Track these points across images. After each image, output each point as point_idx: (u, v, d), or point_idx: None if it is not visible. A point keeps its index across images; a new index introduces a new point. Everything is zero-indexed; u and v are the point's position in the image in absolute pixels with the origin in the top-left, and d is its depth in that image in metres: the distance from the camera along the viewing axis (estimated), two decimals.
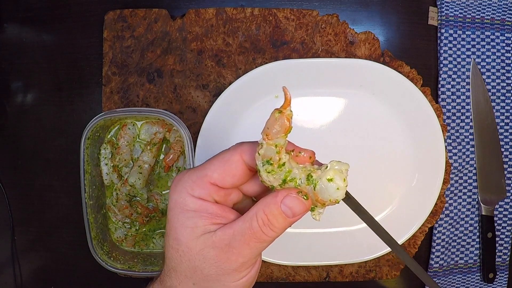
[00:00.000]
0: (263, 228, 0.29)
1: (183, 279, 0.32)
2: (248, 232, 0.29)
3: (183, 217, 0.31)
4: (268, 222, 0.29)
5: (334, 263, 0.61)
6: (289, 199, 0.29)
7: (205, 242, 0.30)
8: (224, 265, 0.30)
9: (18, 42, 0.63)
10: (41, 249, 0.65)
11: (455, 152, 0.62)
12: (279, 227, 0.29)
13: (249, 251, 0.30)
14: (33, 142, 0.64)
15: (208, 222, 0.30)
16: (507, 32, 0.62)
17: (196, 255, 0.30)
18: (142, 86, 0.61)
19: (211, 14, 0.60)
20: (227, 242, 0.29)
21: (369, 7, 0.62)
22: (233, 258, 0.30)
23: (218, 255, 0.30)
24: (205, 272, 0.30)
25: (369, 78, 0.59)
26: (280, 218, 0.29)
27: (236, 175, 0.30)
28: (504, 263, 0.64)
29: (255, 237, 0.29)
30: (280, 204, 0.29)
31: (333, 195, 0.29)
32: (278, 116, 0.28)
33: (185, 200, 0.30)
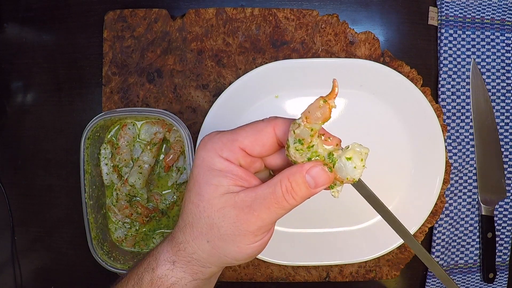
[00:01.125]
0: (286, 195, 0.30)
1: (198, 235, 0.33)
2: (270, 196, 0.30)
3: (209, 174, 0.32)
4: (291, 189, 0.30)
5: (334, 263, 0.61)
6: (315, 170, 0.30)
7: (227, 201, 0.31)
8: (242, 226, 0.31)
9: (18, 42, 0.63)
10: (41, 249, 0.65)
11: (455, 152, 0.62)
12: (300, 195, 0.31)
13: (268, 215, 0.31)
14: (33, 142, 0.64)
15: (232, 183, 0.31)
16: (507, 32, 0.62)
17: (216, 212, 0.31)
18: (142, 86, 0.61)
19: (211, 14, 0.60)
20: (249, 204, 0.31)
21: (369, 7, 0.62)
22: (252, 220, 0.31)
23: (238, 215, 0.31)
24: (222, 231, 0.31)
25: (369, 78, 0.59)
26: (303, 187, 0.30)
27: (265, 145, 0.32)
28: (504, 263, 0.64)
29: (276, 202, 0.30)
30: (305, 173, 0.30)
31: (350, 174, 0.31)
32: (322, 105, 0.30)
33: (213, 159, 0.32)
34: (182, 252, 0.34)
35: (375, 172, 0.61)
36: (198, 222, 0.32)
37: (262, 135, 0.32)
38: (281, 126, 0.31)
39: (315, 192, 0.31)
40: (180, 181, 0.61)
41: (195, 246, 0.33)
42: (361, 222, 0.61)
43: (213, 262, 0.34)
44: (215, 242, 0.32)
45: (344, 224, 0.61)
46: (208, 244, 0.32)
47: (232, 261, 0.34)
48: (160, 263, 0.34)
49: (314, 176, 0.30)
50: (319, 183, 0.30)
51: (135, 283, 0.35)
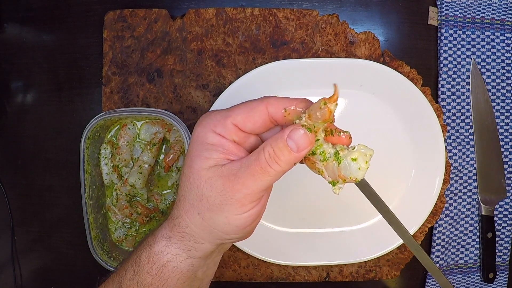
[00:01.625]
0: (269, 161, 0.31)
1: (189, 208, 0.34)
2: (254, 163, 0.31)
3: (201, 148, 0.33)
4: (274, 155, 0.31)
5: (334, 263, 0.61)
6: (295, 133, 0.31)
7: (214, 172, 0.32)
8: (228, 194, 0.32)
9: (18, 42, 0.63)
10: (41, 249, 0.65)
11: (455, 152, 0.62)
12: (284, 160, 0.31)
13: (253, 182, 0.31)
14: (33, 142, 0.64)
15: (222, 156, 0.33)
16: (507, 32, 0.62)
17: (204, 183, 0.32)
18: (142, 86, 0.61)
19: (211, 14, 0.60)
20: (234, 172, 0.31)
21: (369, 7, 0.62)
22: (238, 187, 0.31)
23: (224, 183, 0.32)
24: (211, 201, 0.32)
25: (369, 78, 0.59)
26: (285, 152, 0.31)
27: (257, 122, 0.33)
28: (504, 263, 0.64)
29: (260, 169, 0.31)
30: (286, 138, 0.31)
31: (353, 174, 0.32)
32: (323, 107, 0.30)
33: (206, 134, 0.33)
34: (177, 228, 0.34)
35: (375, 172, 0.61)
36: (190, 194, 0.33)
37: (254, 113, 0.33)
38: (274, 104, 0.32)
39: (299, 156, 0.31)
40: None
41: (187, 220, 0.34)
42: (361, 222, 0.61)
43: (204, 236, 0.34)
44: (204, 213, 0.33)
45: (344, 224, 0.61)
46: (199, 216, 0.33)
47: (222, 234, 0.34)
48: (157, 239, 0.35)
49: (296, 140, 0.31)
50: (300, 146, 0.31)
51: (133, 261, 0.36)
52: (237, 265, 0.62)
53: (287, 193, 0.61)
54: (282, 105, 0.32)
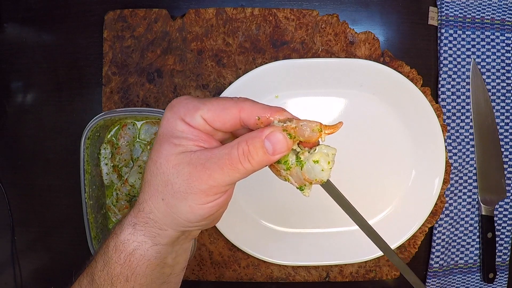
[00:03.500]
0: (241, 158, 0.30)
1: (154, 193, 0.33)
2: (225, 157, 0.30)
3: (170, 134, 0.32)
4: (248, 153, 0.30)
5: (334, 263, 0.61)
6: (274, 136, 0.30)
7: (183, 158, 0.31)
8: (194, 183, 0.31)
9: (18, 42, 0.63)
10: (41, 249, 0.65)
11: (455, 152, 0.62)
12: (257, 160, 0.30)
13: (220, 176, 0.30)
14: (33, 142, 0.64)
15: (191, 143, 0.32)
16: (507, 32, 0.62)
17: (171, 168, 0.31)
18: (142, 86, 0.61)
19: (211, 14, 0.60)
20: (203, 162, 0.31)
21: (369, 7, 0.62)
22: (204, 178, 0.30)
23: (191, 172, 0.31)
24: (175, 188, 0.31)
25: (369, 78, 0.59)
26: (260, 152, 0.30)
27: (227, 123, 0.32)
28: (504, 263, 0.64)
29: (231, 164, 0.30)
30: (264, 138, 0.30)
31: (318, 176, 0.32)
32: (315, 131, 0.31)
33: (175, 121, 0.32)
34: (141, 213, 0.34)
35: (375, 172, 0.61)
36: (155, 179, 0.32)
37: (225, 113, 0.32)
38: (248, 110, 0.32)
39: (272, 160, 0.31)
40: None
41: (151, 205, 0.33)
42: None
43: (168, 223, 0.33)
44: (168, 200, 0.32)
45: (344, 224, 0.61)
46: (163, 202, 0.32)
47: (185, 222, 0.33)
48: (124, 227, 0.34)
49: (274, 142, 0.30)
50: (277, 150, 0.30)
51: (103, 251, 0.35)
52: (237, 265, 0.62)
53: (287, 193, 0.61)
54: (256, 113, 0.31)
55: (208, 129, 0.33)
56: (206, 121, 0.32)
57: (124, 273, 0.34)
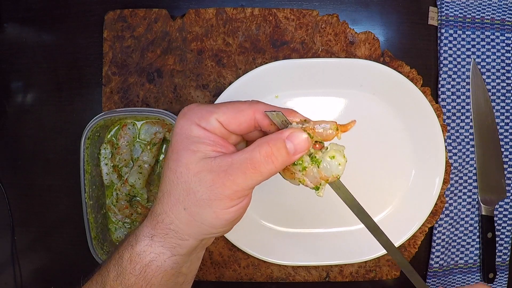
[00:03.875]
0: (264, 160, 0.30)
1: (175, 203, 0.32)
2: (247, 161, 0.30)
3: (187, 141, 0.32)
4: (271, 154, 0.30)
5: (334, 263, 0.61)
6: (296, 136, 0.31)
7: (203, 166, 0.31)
8: (217, 190, 0.31)
9: (18, 42, 0.63)
10: (41, 249, 0.65)
11: (455, 152, 0.62)
12: (280, 161, 0.31)
13: (243, 180, 0.31)
14: (33, 142, 0.64)
15: (209, 149, 0.32)
16: (507, 32, 0.62)
17: (193, 176, 0.31)
18: (142, 86, 0.61)
19: (211, 14, 0.60)
20: (225, 168, 0.31)
21: (369, 7, 0.62)
22: (228, 184, 0.30)
23: (214, 179, 0.31)
24: (198, 196, 0.31)
25: (369, 78, 0.59)
26: (283, 153, 0.30)
27: (242, 124, 0.33)
28: (504, 263, 0.64)
29: (253, 168, 0.30)
30: (285, 139, 0.31)
31: (335, 171, 0.33)
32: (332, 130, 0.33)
33: (190, 126, 0.33)
34: (160, 225, 0.33)
35: (375, 172, 0.61)
36: (176, 189, 0.32)
37: (240, 115, 0.32)
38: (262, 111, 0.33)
39: (292, 160, 0.31)
40: None
41: (172, 216, 0.33)
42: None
43: (190, 232, 0.33)
44: (191, 208, 0.32)
45: (344, 224, 0.61)
46: (185, 211, 0.32)
47: (210, 229, 0.33)
48: (139, 239, 0.34)
49: (296, 143, 0.31)
50: (298, 149, 0.31)
51: (116, 261, 0.35)
52: (237, 265, 0.62)
53: (287, 193, 0.61)
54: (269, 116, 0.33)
55: (224, 132, 0.33)
56: (222, 124, 0.32)
57: (139, 284, 0.34)
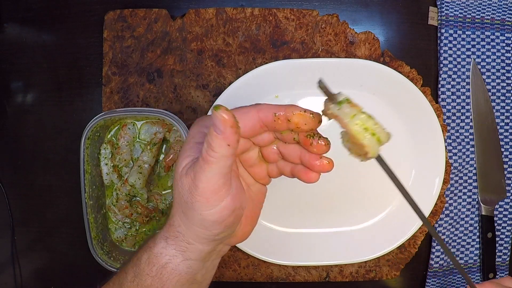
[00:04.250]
0: (207, 151, 0.31)
1: (177, 206, 0.34)
2: (201, 158, 0.32)
3: (188, 147, 0.34)
4: (208, 143, 0.31)
5: (334, 263, 0.61)
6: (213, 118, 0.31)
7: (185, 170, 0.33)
8: (193, 192, 0.32)
9: (18, 42, 0.63)
10: (41, 249, 0.65)
11: (455, 152, 0.62)
12: (215, 145, 0.31)
13: (204, 175, 0.31)
14: (33, 142, 0.64)
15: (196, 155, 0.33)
16: (507, 32, 0.62)
17: (178, 181, 0.33)
18: (142, 86, 0.61)
19: (211, 14, 0.60)
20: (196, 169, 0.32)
21: (369, 7, 0.62)
22: (196, 183, 0.32)
23: (189, 182, 0.32)
24: (184, 199, 0.33)
25: (369, 78, 0.59)
26: (214, 137, 0.31)
27: (247, 125, 0.34)
28: (504, 263, 0.64)
29: (203, 160, 0.31)
30: (212, 126, 0.31)
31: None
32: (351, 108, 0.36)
33: (197, 133, 0.35)
34: (171, 227, 0.35)
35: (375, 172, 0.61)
36: (175, 192, 0.34)
37: (245, 116, 0.34)
38: (265, 109, 0.34)
39: (225, 139, 0.30)
40: None
41: (177, 218, 0.34)
42: (361, 222, 0.61)
43: (191, 235, 0.34)
44: (185, 212, 0.33)
45: (344, 224, 0.61)
46: (184, 215, 0.34)
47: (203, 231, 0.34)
48: (157, 241, 0.35)
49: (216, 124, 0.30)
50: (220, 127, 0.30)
51: (134, 263, 0.36)
52: (237, 265, 0.62)
53: (287, 193, 0.61)
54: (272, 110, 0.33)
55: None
56: None
57: (154, 286, 0.35)
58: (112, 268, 0.58)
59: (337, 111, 0.36)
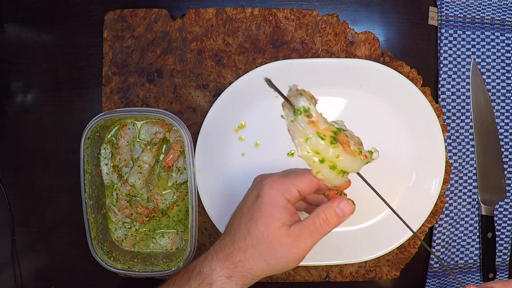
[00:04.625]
0: (322, 224, 0.41)
1: (258, 255, 0.42)
2: (311, 227, 0.41)
3: (274, 210, 0.41)
4: (326, 219, 0.41)
5: (334, 263, 0.61)
6: (342, 203, 0.41)
7: (283, 232, 0.41)
8: (293, 250, 0.41)
9: (18, 42, 0.63)
10: (41, 249, 0.65)
11: (455, 152, 0.62)
12: (333, 223, 0.41)
13: (310, 240, 0.41)
14: (33, 142, 0.64)
15: (288, 218, 0.42)
16: (507, 32, 0.62)
17: (276, 240, 0.41)
18: (142, 86, 0.61)
19: (211, 14, 0.60)
20: (298, 233, 0.41)
21: (369, 7, 0.62)
22: (300, 245, 0.41)
23: (291, 242, 0.41)
24: (279, 254, 0.41)
25: (369, 78, 0.59)
26: (334, 217, 0.41)
27: (311, 191, 0.43)
28: (504, 263, 0.64)
29: (316, 230, 0.41)
30: (335, 206, 0.41)
31: None
32: None
33: (278, 197, 0.41)
34: (239, 269, 0.42)
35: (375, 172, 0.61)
36: (261, 246, 0.41)
37: (312, 185, 0.42)
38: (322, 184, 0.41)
39: (343, 220, 0.41)
40: (180, 181, 0.61)
41: (252, 263, 0.42)
42: (361, 222, 0.61)
43: (261, 275, 0.43)
44: (270, 261, 0.42)
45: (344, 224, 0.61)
46: (265, 262, 0.42)
47: (276, 272, 0.44)
48: (216, 279, 0.42)
49: (343, 208, 0.41)
50: (345, 213, 0.41)
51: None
52: None
53: None
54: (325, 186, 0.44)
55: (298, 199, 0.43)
56: (300, 192, 0.42)
57: None
58: (112, 268, 0.58)
59: (289, 124, 0.31)
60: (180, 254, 0.60)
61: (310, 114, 0.29)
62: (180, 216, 0.63)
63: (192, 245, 0.57)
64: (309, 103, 0.30)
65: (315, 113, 0.30)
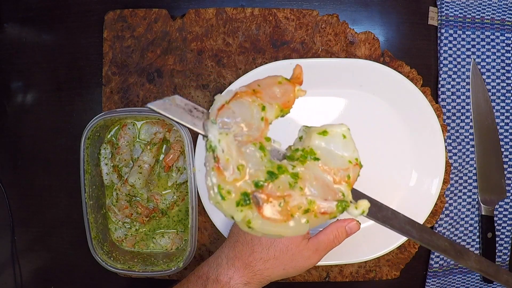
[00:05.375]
0: (334, 240, 0.48)
1: (278, 264, 0.47)
2: (326, 242, 0.48)
3: None
4: (338, 235, 0.48)
5: (334, 263, 0.61)
6: (352, 224, 0.48)
7: (304, 246, 0.47)
8: (310, 261, 0.48)
9: (18, 42, 0.63)
10: (41, 249, 0.65)
11: (455, 152, 0.62)
12: (342, 239, 0.48)
13: (324, 253, 0.48)
14: (33, 142, 0.64)
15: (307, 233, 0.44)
16: (507, 32, 0.62)
17: (298, 252, 0.47)
18: (142, 86, 0.61)
19: (211, 14, 0.60)
20: (316, 247, 0.48)
21: (369, 7, 0.62)
22: (317, 257, 0.48)
23: (310, 255, 0.48)
24: (298, 264, 0.48)
25: (369, 78, 0.59)
26: (344, 235, 0.48)
27: None
28: (504, 263, 0.64)
29: (329, 245, 0.48)
30: (346, 225, 0.48)
31: None
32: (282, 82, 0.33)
33: None
34: (258, 276, 0.47)
35: (375, 172, 0.61)
36: (283, 257, 0.47)
37: None
38: None
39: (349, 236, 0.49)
40: (180, 181, 0.61)
41: (271, 271, 0.47)
42: (361, 222, 0.61)
43: (275, 279, 0.48)
44: (288, 269, 0.48)
45: None
46: (283, 270, 0.47)
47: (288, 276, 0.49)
48: (233, 286, 0.46)
49: (351, 227, 0.48)
50: (353, 231, 0.49)
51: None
52: None
53: None
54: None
55: None
56: None
57: None
58: (112, 268, 0.58)
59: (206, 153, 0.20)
60: (180, 254, 0.60)
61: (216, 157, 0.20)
62: (180, 216, 0.63)
63: (192, 245, 0.57)
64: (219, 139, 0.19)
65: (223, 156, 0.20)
